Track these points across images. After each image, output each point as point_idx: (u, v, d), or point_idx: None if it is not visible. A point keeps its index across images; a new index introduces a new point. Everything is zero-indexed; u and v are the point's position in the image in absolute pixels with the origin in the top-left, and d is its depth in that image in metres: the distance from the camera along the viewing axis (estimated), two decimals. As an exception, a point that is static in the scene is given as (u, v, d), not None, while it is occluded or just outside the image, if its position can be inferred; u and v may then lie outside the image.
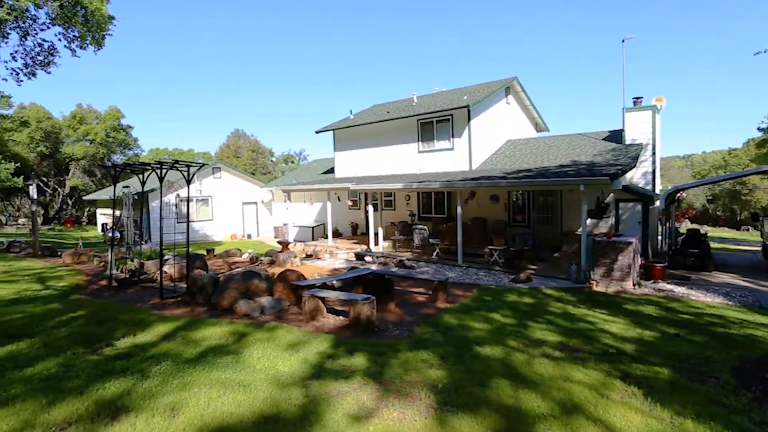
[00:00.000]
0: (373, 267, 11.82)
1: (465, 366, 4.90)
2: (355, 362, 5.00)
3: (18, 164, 37.87)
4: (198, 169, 9.16)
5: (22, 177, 37.76)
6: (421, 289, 9.46)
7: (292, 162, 58.59)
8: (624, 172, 10.53)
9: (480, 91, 16.80)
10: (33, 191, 17.49)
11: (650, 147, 13.38)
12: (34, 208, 18.11)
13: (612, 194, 13.13)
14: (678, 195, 14.42)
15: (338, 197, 20.88)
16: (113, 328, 6.40)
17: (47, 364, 4.72)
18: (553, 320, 6.92)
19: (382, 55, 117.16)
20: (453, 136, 15.68)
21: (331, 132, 19.73)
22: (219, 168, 24.93)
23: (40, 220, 21.02)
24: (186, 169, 9.35)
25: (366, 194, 19.48)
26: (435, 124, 16.17)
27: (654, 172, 13.25)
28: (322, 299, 7.08)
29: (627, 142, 13.78)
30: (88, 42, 14.87)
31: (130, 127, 49.05)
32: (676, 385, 4.37)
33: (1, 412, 3.46)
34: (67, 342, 5.64)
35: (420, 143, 16.62)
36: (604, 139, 15.12)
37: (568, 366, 4.87)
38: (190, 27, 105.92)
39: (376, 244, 15.37)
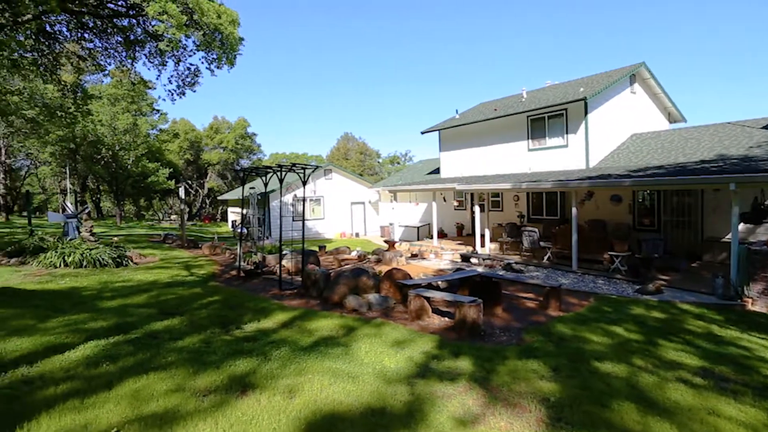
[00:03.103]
0: (479, 269, 11.51)
1: (581, 381, 4.49)
2: (460, 365, 4.91)
3: (171, 170, 45.20)
4: (312, 172, 9.88)
5: (173, 180, 44.97)
6: (530, 295, 8.94)
7: (398, 163, 60.05)
8: (792, 168, 8.67)
9: (599, 82, 15.30)
10: (182, 192, 20.70)
11: (832, 136, 10.80)
12: (182, 206, 21.41)
13: (774, 194, 10.89)
14: None
15: (444, 197, 20.79)
16: (241, 313, 7.21)
17: (192, 339, 5.50)
18: (692, 341, 5.98)
19: (490, 54, 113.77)
20: (567, 132, 14.53)
21: (437, 132, 19.73)
22: (330, 170, 26.62)
23: (186, 217, 24.93)
24: (302, 171, 10.14)
25: (472, 194, 19.07)
26: (546, 120, 15.16)
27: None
28: (428, 299, 7.10)
29: (797, 131, 11.32)
30: (223, 62, 17.07)
31: (254, 134, 55.16)
32: None
33: (161, 375, 4.14)
34: (206, 322, 6.51)
35: (530, 141, 15.73)
36: (764, 127, 12.63)
37: (713, 397, 4.16)
38: (301, 35, 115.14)
39: (483, 245, 14.95)
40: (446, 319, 6.97)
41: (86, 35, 17.17)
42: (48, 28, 16.07)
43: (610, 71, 16.93)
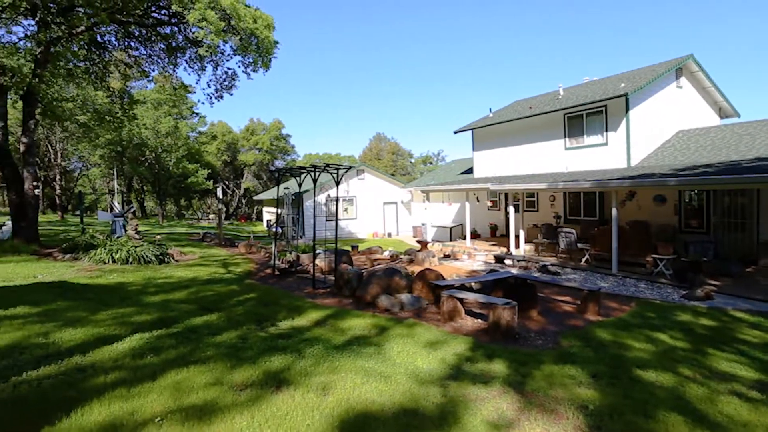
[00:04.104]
0: (514, 271, 11.26)
1: (622, 389, 4.31)
2: (494, 368, 4.82)
3: (209, 171, 46.85)
4: (345, 172, 9.99)
5: (211, 181, 46.58)
6: (567, 298, 8.67)
7: (431, 163, 59.77)
8: None
9: (641, 77, 14.63)
10: (219, 192, 21.43)
11: None
12: (220, 206, 22.15)
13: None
14: None
15: (477, 198, 20.50)
16: (276, 310, 7.37)
17: (230, 335, 5.67)
18: (747, 351, 5.60)
19: (523, 51, 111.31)
20: (607, 130, 13.99)
21: (470, 131, 19.48)
22: (363, 170, 26.78)
23: (223, 217, 25.83)
24: (335, 171, 10.26)
25: (506, 195, 18.71)
26: (585, 117, 14.64)
27: None
28: (461, 300, 7.01)
29: None
30: (259, 66, 17.52)
31: (288, 135, 56.30)
32: None
33: (201, 368, 4.29)
34: (243, 318, 6.70)
35: (567, 139, 15.26)
36: (826, 123, 11.69)
37: (771, 411, 3.87)
38: (333, 36, 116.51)
39: (517, 246, 14.62)
40: (479, 321, 6.86)
41: (132, 43, 18.10)
42: (99, 39, 17.03)
43: (653, 65, 16.16)
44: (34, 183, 14.91)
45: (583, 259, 12.56)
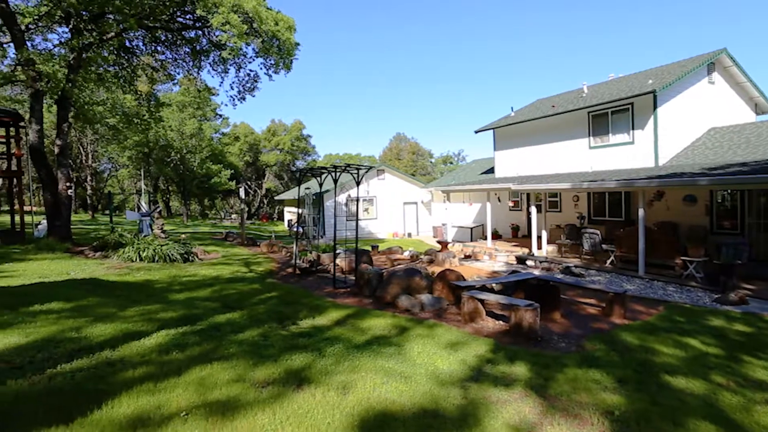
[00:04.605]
0: (536, 272, 11.08)
1: (650, 395, 4.18)
2: (515, 371, 4.75)
3: (232, 171, 47.75)
4: (365, 172, 10.02)
5: (234, 181, 47.46)
6: (591, 301, 8.47)
7: (451, 163, 59.43)
8: None
9: (670, 73, 14.16)
10: (242, 192, 21.82)
11: None
12: (242, 206, 22.54)
13: None
14: None
15: (498, 198, 20.25)
16: (297, 309, 7.44)
17: (251, 333, 5.75)
18: (784, 358, 5.35)
19: (546, 49, 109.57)
20: (633, 128, 13.60)
21: (491, 131, 19.26)
22: (383, 170, 26.80)
23: (245, 216, 26.28)
24: (355, 171, 10.30)
25: (528, 195, 18.41)
26: (610, 115, 14.27)
27: None
28: (482, 301, 6.94)
29: None
30: (280, 67, 17.79)
31: (309, 136, 56.88)
32: None
33: (224, 365, 4.37)
34: (264, 317, 6.79)
35: (591, 138, 14.91)
36: None
37: (811, 421, 3.69)
38: (353, 36, 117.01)
39: (539, 247, 14.37)
40: (501, 322, 6.77)
41: (159, 48, 18.63)
42: (127, 44, 17.60)
43: (683, 60, 15.63)
44: (68, 184, 15.51)
45: (608, 261, 12.24)
